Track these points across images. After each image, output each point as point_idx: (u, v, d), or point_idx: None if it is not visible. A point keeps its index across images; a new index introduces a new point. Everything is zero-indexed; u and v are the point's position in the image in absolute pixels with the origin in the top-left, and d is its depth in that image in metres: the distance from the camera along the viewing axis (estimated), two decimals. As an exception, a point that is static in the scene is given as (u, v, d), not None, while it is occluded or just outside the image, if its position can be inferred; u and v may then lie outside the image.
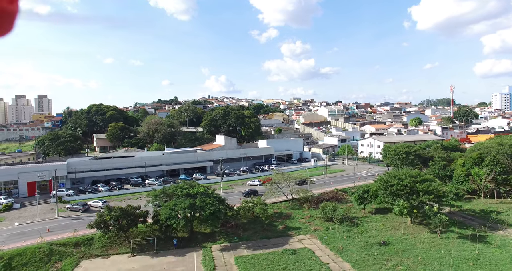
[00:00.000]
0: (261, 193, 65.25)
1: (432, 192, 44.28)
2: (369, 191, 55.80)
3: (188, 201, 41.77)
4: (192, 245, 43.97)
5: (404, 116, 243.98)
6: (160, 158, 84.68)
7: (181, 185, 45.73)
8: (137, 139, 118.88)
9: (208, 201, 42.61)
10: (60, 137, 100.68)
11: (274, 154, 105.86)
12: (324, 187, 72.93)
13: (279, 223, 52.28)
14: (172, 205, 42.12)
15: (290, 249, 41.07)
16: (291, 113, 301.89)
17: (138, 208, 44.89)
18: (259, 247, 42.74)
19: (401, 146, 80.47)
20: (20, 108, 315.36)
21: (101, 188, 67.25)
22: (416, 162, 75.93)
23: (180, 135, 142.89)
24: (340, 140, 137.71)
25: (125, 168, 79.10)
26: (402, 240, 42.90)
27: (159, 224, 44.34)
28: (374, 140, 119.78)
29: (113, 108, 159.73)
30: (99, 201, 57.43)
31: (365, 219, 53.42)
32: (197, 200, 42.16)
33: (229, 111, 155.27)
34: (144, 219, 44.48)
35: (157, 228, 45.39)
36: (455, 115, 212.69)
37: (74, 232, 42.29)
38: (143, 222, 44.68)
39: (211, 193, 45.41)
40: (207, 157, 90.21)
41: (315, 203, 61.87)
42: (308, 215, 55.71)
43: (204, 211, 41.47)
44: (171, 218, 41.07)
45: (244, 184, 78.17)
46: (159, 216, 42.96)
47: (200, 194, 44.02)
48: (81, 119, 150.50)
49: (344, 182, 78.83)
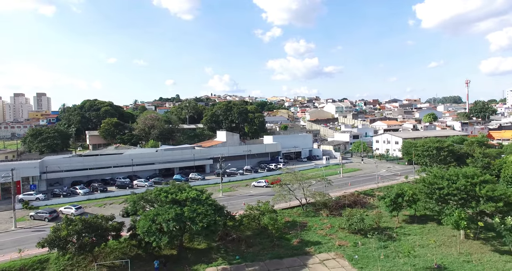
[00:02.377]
0: (267, 195, 54.66)
1: (500, 198, 33.23)
2: (403, 194, 44.84)
3: (173, 210, 31.17)
4: (181, 267, 33.39)
5: (416, 112, 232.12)
6: (152, 155, 74.23)
7: (167, 188, 35.13)
8: (130, 135, 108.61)
9: (200, 210, 31.98)
10: (42, 133, 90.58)
11: (282, 151, 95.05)
12: (341, 188, 62.22)
13: (292, 235, 41.55)
14: (152, 215, 31.52)
15: (311, 275, 30.36)
16: (296, 110, 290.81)
17: (111, 218, 34.38)
18: (268, 271, 32.01)
19: (431, 141, 69.28)
20: (18, 106, 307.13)
21: (79, 191, 56.94)
22: (450, 159, 64.74)
23: (179, 132, 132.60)
24: (352, 136, 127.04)
25: (112, 167, 68.78)
26: (462, 263, 31.86)
27: (137, 239, 33.81)
28: (391, 135, 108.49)
29: (108, 103, 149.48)
30: (72, 207, 47.08)
31: (401, 230, 42.50)
32: (186, 209, 31.53)
33: (231, 106, 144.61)
34: (117, 233, 33.92)
35: (136, 243, 34.87)
36: (471, 111, 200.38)
37: (20, 253, 31.77)
38: (116, 237, 34.12)
39: (206, 198, 34.75)
40: (206, 154, 79.64)
41: (335, 209, 51.25)
42: (328, 225, 44.91)
43: (195, 224, 30.82)
44: (150, 233, 30.50)
45: (248, 185, 67.58)
46: (136, 229, 32.43)
47: (190, 200, 33.40)
48: (73, 115, 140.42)
49: (363, 183, 68.10)
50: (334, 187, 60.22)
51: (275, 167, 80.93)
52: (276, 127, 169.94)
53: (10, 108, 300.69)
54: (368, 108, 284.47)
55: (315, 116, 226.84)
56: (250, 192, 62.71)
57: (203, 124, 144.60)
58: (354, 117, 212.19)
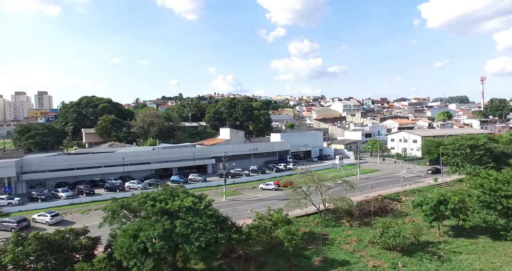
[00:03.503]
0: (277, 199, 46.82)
1: None
2: (446, 201, 36.76)
3: (161, 225, 23.42)
4: (172, 297, 25.68)
5: (427, 110, 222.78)
6: (148, 154, 66.68)
7: (155, 195, 27.36)
8: (127, 133, 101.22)
9: (197, 223, 24.19)
10: (30, 129, 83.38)
11: (290, 150, 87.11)
12: (361, 192, 54.24)
13: (312, 251, 33.66)
14: (133, 230, 23.78)
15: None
16: (302, 109, 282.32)
17: (83, 233, 26.74)
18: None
19: (463, 138, 60.96)
20: (18, 104, 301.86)
21: (61, 194, 49.45)
22: (486, 160, 56.43)
23: (180, 130, 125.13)
24: (364, 134, 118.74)
25: (102, 167, 61.32)
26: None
27: (116, 260, 26.12)
28: (408, 133, 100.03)
29: (106, 100, 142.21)
30: (47, 214, 39.58)
31: (447, 246, 34.40)
32: (178, 223, 23.71)
33: (236, 103, 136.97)
34: (88, 252, 26.22)
35: (115, 264, 27.17)
36: (486, 109, 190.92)
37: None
38: (88, 257, 26.39)
39: (205, 207, 26.93)
40: (208, 153, 71.92)
41: (358, 217, 43.35)
42: (355, 238, 36.95)
43: (189, 243, 22.99)
44: (130, 254, 22.77)
45: (254, 188, 59.82)
46: (113, 249, 24.75)
47: (185, 210, 25.63)
48: (70, 112, 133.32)
49: (385, 185, 60.17)
50: (353, 190, 52.07)
51: (284, 167, 73.03)
52: (282, 126, 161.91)
53: (11, 106, 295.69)
54: (376, 107, 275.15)
55: (322, 115, 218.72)
56: (257, 195, 54.92)
57: (205, 122, 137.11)
58: (362, 116, 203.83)
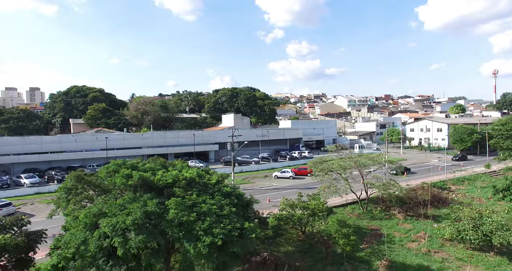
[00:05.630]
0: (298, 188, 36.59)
1: None
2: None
3: (141, 205, 12.97)
4: None
5: (436, 106, 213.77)
6: (138, 137, 56.14)
7: (134, 162, 16.96)
8: (117, 120, 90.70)
9: (208, 205, 13.75)
10: (3, 113, 72.60)
11: (303, 138, 77.02)
12: (399, 180, 44.22)
13: (367, 251, 23.44)
14: (91, 216, 13.31)
15: None
16: (303, 106, 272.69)
17: (14, 224, 16.34)
18: None
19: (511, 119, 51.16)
20: (8, 100, 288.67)
21: (24, 180, 38.83)
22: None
23: (178, 121, 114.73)
24: (379, 125, 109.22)
25: (83, 151, 50.80)
26: None
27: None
28: (432, 122, 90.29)
29: (97, 90, 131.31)
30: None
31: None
32: (172, 203, 13.26)
33: (238, 92, 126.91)
34: (20, 256, 15.82)
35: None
36: (499, 103, 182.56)
37: None
38: (21, 266, 15.95)
39: (217, 182, 16.55)
40: (210, 138, 61.56)
41: (410, 208, 33.38)
42: (421, 232, 26.78)
43: (194, 239, 12.55)
44: (83, 258, 12.33)
45: (267, 176, 49.71)
46: (52, 255, 14.34)
47: (184, 184, 15.17)
48: (57, 102, 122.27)
49: (421, 174, 50.70)
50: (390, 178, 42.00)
51: (299, 155, 62.81)
52: (286, 119, 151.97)
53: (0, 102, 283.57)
54: (381, 103, 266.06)
55: (326, 110, 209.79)
56: (272, 184, 44.70)
57: (205, 113, 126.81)
58: (369, 110, 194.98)
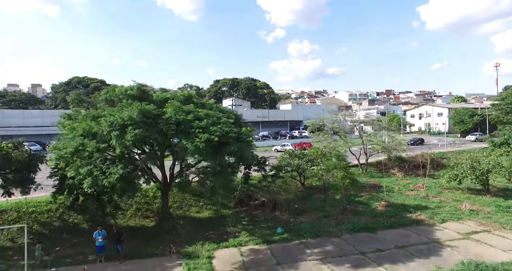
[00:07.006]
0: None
1: None
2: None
3: (137, 106, 13.21)
4: (159, 248, 15.50)
5: (437, 99, 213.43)
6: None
7: (130, 90, 17.14)
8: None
9: (204, 112, 13.96)
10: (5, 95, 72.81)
11: (303, 121, 77.08)
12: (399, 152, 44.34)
13: (366, 197, 23.62)
14: (89, 118, 13.56)
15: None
16: (304, 101, 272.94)
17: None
18: (359, 258, 14.08)
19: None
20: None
21: (27, 148, 38.92)
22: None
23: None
24: (379, 112, 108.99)
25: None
26: None
27: (74, 195, 16.02)
28: (432, 107, 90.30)
29: (99, 80, 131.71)
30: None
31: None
32: (169, 107, 13.50)
33: (239, 81, 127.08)
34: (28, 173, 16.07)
35: (70, 201, 16.87)
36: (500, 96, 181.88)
37: None
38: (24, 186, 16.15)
39: (212, 104, 16.78)
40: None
41: (409, 169, 33.58)
42: (420, 183, 27.00)
43: (192, 135, 12.72)
44: (82, 160, 12.52)
45: (267, 151, 49.90)
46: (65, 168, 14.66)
47: (184, 98, 15.44)
48: (58, 93, 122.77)
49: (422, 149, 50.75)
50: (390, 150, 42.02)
51: (299, 135, 62.96)
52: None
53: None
54: (382, 98, 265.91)
55: (327, 104, 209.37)
56: (272, 155, 44.79)
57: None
58: (370, 103, 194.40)
